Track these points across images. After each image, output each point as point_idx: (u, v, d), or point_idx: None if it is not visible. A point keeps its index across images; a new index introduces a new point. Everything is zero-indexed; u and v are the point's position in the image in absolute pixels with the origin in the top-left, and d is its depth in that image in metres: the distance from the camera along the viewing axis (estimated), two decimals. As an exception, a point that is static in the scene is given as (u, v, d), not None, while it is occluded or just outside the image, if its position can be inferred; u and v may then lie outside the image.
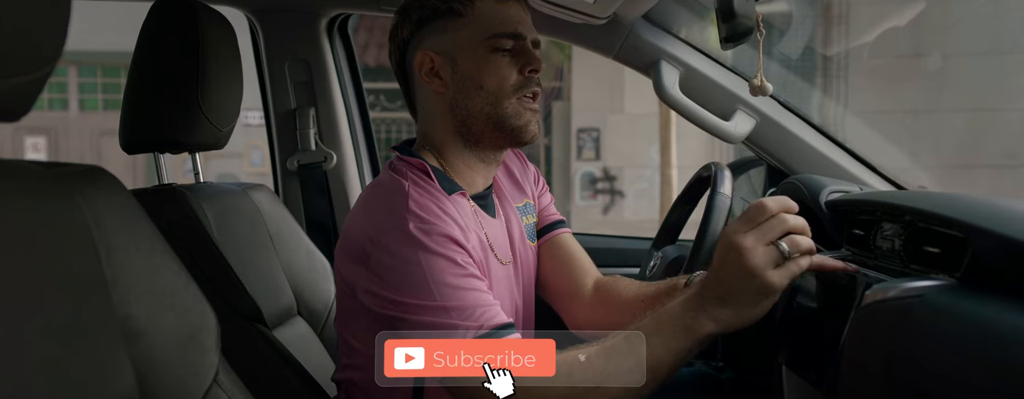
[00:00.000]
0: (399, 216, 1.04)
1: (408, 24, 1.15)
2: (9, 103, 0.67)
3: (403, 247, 1.02)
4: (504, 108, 1.12)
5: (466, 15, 1.12)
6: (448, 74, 1.13)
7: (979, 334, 0.74)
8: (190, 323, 0.83)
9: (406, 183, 1.08)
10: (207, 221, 1.30)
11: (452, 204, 1.09)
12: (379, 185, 1.14)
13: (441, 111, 1.15)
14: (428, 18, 1.13)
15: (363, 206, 1.13)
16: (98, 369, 0.72)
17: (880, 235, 1.14)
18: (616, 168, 9.01)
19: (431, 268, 1.01)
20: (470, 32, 1.12)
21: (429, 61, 1.13)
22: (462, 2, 1.12)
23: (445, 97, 1.14)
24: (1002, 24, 6.19)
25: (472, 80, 1.12)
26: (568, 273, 1.33)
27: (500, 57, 1.12)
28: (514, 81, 1.12)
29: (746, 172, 1.87)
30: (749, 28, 1.01)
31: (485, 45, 1.11)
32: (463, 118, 1.13)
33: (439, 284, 1.00)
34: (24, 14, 0.63)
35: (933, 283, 0.85)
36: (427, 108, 1.17)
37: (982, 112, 6.49)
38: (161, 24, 1.31)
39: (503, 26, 1.12)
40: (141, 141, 1.34)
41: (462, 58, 1.12)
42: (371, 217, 1.08)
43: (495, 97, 1.12)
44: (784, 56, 2.89)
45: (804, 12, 6.32)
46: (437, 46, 1.13)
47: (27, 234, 0.70)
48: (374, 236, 1.04)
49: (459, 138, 1.15)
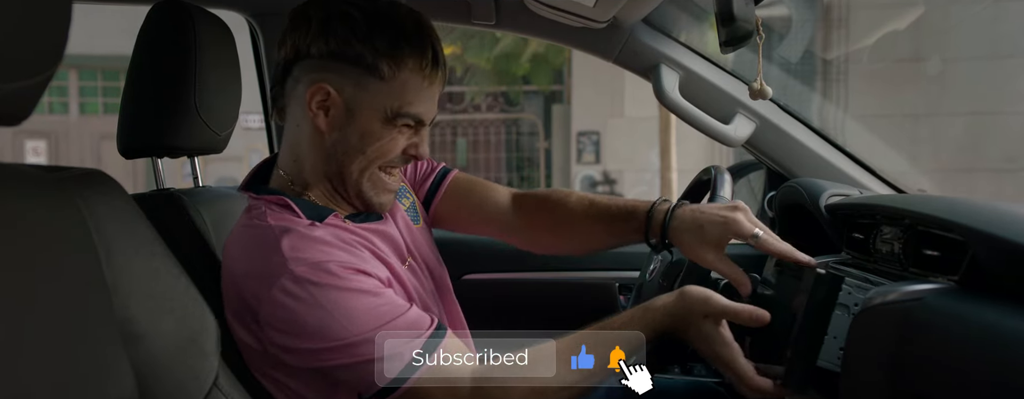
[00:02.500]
0: (279, 264, 0.97)
1: (320, 43, 1.04)
2: (10, 107, 0.67)
3: (297, 293, 0.95)
4: (368, 177, 1.09)
5: (387, 80, 1.04)
6: (339, 118, 1.06)
7: (979, 337, 0.74)
8: (190, 326, 0.83)
9: (268, 222, 1.03)
10: (206, 225, 1.30)
11: (326, 231, 1.04)
12: (244, 235, 1.06)
13: (316, 150, 1.09)
14: (345, 57, 1.03)
15: (236, 262, 1.05)
16: (98, 372, 0.72)
17: (880, 238, 1.14)
18: (616, 171, 9.01)
19: (334, 306, 0.95)
20: (382, 99, 1.04)
21: (324, 95, 1.05)
22: (390, 66, 1.03)
23: (325, 138, 1.07)
24: (1001, 28, 6.20)
25: (359, 141, 1.06)
26: (477, 203, 1.31)
27: (395, 132, 1.07)
28: (393, 156, 1.09)
29: (746, 176, 1.87)
30: (749, 32, 1.01)
31: (389, 119, 1.06)
32: (338, 169, 1.09)
33: (351, 318, 0.95)
34: (25, 18, 0.63)
35: (932, 286, 0.85)
36: (301, 138, 1.10)
37: (981, 116, 6.50)
38: (158, 28, 1.31)
39: (414, 106, 1.06)
40: (139, 146, 1.34)
41: (361, 117, 1.05)
42: (250, 269, 1.01)
43: (368, 163, 1.08)
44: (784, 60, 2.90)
45: (804, 16, 6.33)
46: (340, 87, 1.04)
47: (27, 238, 0.70)
48: (259, 292, 0.98)
49: (329, 182, 1.11)
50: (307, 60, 1.05)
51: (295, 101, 1.08)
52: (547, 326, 2.03)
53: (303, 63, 1.06)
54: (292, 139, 1.12)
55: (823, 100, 6.74)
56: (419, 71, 1.05)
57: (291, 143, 1.12)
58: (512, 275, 1.91)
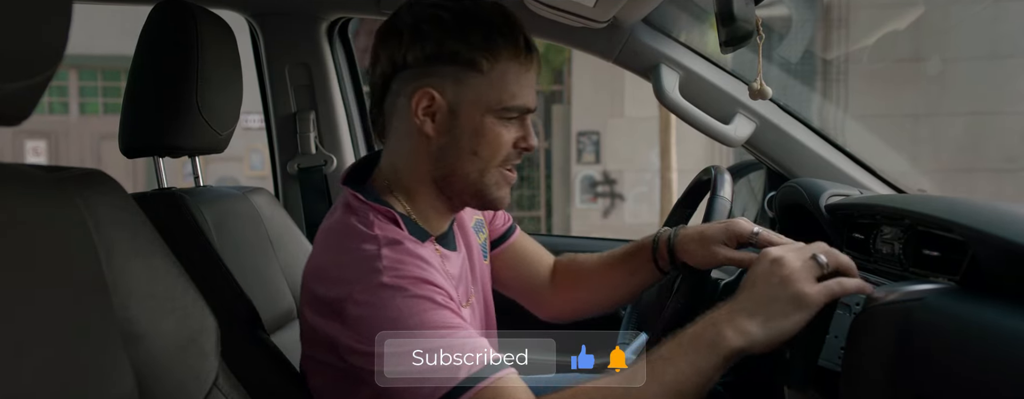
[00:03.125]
0: (372, 269, 0.98)
1: (416, 51, 1.04)
2: (10, 107, 0.67)
3: (379, 298, 0.96)
4: (489, 177, 1.08)
5: (486, 73, 1.04)
6: (444, 121, 1.05)
7: (979, 337, 0.74)
8: (190, 327, 0.83)
9: (376, 233, 1.02)
10: (207, 225, 1.30)
11: (427, 251, 1.05)
12: (343, 235, 1.06)
13: (422, 155, 1.08)
14: (442, 58, 1.04)
15: (329, 258, 1.06)
16: (98, 372, 0.72)
17: (880, 239, 1.14)
18: (616, 171, 9.01)
19: (413, 313, 0.95)
20: (483, 93, 1.04)
21: (429, 100, 1.04)
22: (487, 58, 1.03)
23: (433, 143, 1.06)
24: (1002, 28, 6.20)
25: (468, 141, 1.06)
26: (527, 272, 1.35)
27: (503, 127, 1.06)
28: (506, 154, 1.08)
29: (746, 176, 1.87)
30: (749, 32, 1.01)
31: (494, 112, 1.05)
32: (446, 174, 1.08)
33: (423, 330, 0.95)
34: (25, 19, 0.63)
35: (933, 286, 0.85)
36: (405, 145, 1.09)
37: (982, 116, 6.50)
38: (160, 28, 1.31)
39: (517, 98, 1.06)
40: (140, 145, 1.34)
41: (465, 116, 1.05)
42: (341, 272, 1.01)
43: (485, 165, 1.07)
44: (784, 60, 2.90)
45: (804, 16, 6.33)
46: (442, 90, 1.04)
47: (28, 238, 0.70)
48: (347, 291, 0.98)
49: (434, 187, 1.10)
50: (405, 71, 1.05)
51: (397, 115, 1.08)
52: (546, 326, 2.03)
53: (401, 75, 1.06)
54: (394, 149, 1.11)
55: (823, 100, 6.74)
56: (515, 59, 1.05)
57: (395, 155, 1.11)
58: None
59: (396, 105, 1.08)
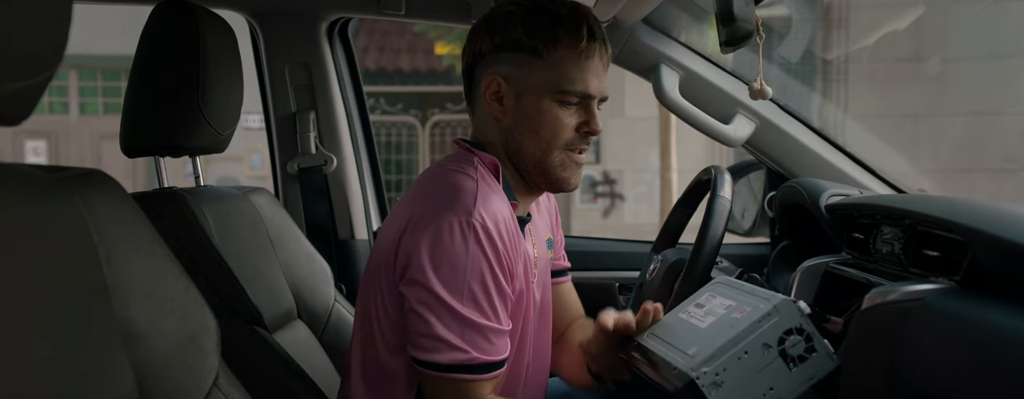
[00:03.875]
0: (465, 206, 1.06)
1: (488, 40, 1.16)
2: (10, 107, 0.67)
3: (458, 237, 1.04)
4: (552, 158, 1.15)
5: (545, 59, 1.13)
6: (510, 105, 1.15)
7: (978, 337, 0.74)
8: (190, 326, 0.83)
9: (477, 176, 1.11)
10: (207, 224, 1.30)
11: (512, 211, 1.12)
12: (446, 170, 1.15)
13: (496, 134, 1.18)
14: (508, 46, 1.14)
15: (427, 187, 1.15)
16: (98, 372, 0.72)
17: (880, 238, 1.14)
18: (616, 171, 9.01)
19: (474, 270, 1.04)
20: (543, 77, 1.13)
21: (496, 86, 1.15)
22: (546, 45, 1.12)
23: (502, 124, 1.16)
24: (1001, 28, 6.20)
25: (530, 122, 1.14)
26: (557, 321, 1.39)
27: (563, 110, 1.14)
28: (568, 137, 1.15)
29: (746, 176, 1.87)
30: (749, 32, 1.01)
31: (553, 96, 1.13)
32: (515, 151, 1.16)
33: (470, 291, 1.04)
34: (25, 18, 0.63)
35: (933, 286, 0.85)
36: (484, 126, 1.19)
37: (982, 116, 6.50)
38: (161, 28, 1.31)
39: (575, 83, 1.13)
40: (141, 145, 1.34)
41: (527, 98, 1.14)
42: (437, 199, 1.09)
43: (547, 145, 1.14)
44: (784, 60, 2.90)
45: (804, 16, 6.34)
46: (508, 75, 1.14)
47: (28, 237, 0.70)
48: (436, 216, 1.06)
49: (509, 162, 1.18)
50: (481, 60, 1.17)
51: (476, 101, 1.19)
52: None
53: (479, 64, 1.17)
54: (480, 130, 1.20)
55: (823, 100, 6.74)
56: (574, 47, 1.12)
57: (480, 133, 1.20)
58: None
59: (475, 93, 1.19)
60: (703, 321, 1.04)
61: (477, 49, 1.17)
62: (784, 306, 0.97)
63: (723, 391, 0.93)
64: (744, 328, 0.95)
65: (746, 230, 1.84)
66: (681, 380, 0.93)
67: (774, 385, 0.94)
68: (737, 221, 1.87)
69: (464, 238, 1.04)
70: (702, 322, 1.04)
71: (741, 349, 0.94)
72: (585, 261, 1.95)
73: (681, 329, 1.06)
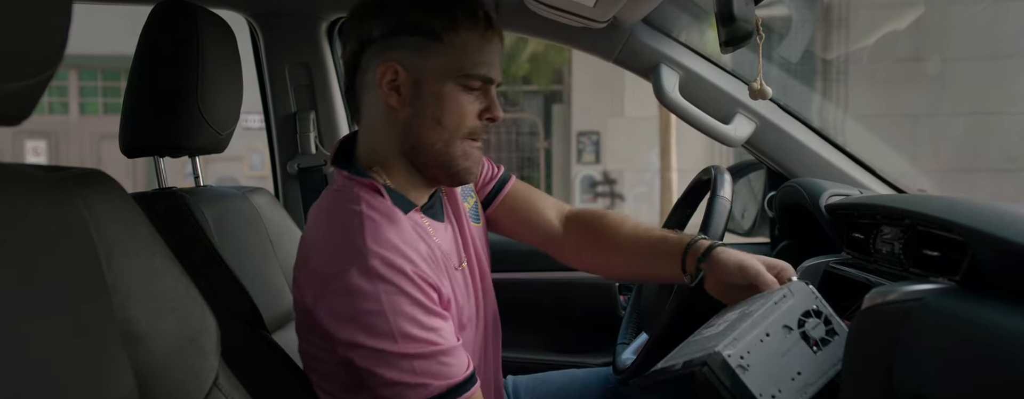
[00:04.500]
0: (358, 251, 1.00)
1: (381, 25, 1.08)
2: (10, 107, 0.67)
3: (364, 285, 0.99)
4: (454, 148, 1.10)
5: (445, 42, 1.07)
6: (408, 94, 1.08)
7: (978, 337, 0.74)
8: (190, 326, 0.83)
9: (361, 207, 1.05)
10: (207, 224, 1.30)
11: (408, 224, 1.07)
12: (331, 213, 1.09)
13: (391, 128, 1.10)
14: (405, 30, 1.07)
15: (319, 235, 1.09)
16: (98, 372, 0.72)
17: (880, 238, 1.14)
18: (616, 171, 9.02)
19: (393, 310, 0.99)
20: (444, 62, 1.07)
21: (393, 73, 1.07)
22: (445, 28, 1.06)
23: (399, 115, 1.09)
24: (1001, 28, 6.20)
25: (432, 111, 1.08)
26: (531, 218, 1.35)
27: (465, 95, 1.09)
28: (471, 125, 1.10)
29: (746, 176, 1.87)
30: (749, 32, 1.01)
31: (455, 80, 1.08)
32: (414, 144, 1.10)
33: (400, 329, 0.99)
34: (25, 18, 0.63)
35: (932, 286, 0.85)
36: (376, 119, 1.12)
37: (982, 116, 6.50)
38: (161, 28, 1.31)
39: (478, 66, 1.08)
40: (141, 145, 1.34)
41: (428, 85, 1.08)
42: (330, 249, 1.04)
43: (450, 136, 1.09)
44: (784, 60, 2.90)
45: (804, 16, 6.34)
46: (406, 62, 1.07)
47: (27, 237, 0.70)
48: (333, 270, 1.01)
49: (405, 159, 1.12)
50: (371, 46, 1.09)
51: (366, 90, 1.11)
52: (547, 326, 2.03)
53: (368, 51, 1.09)
54: (367, 125, 1.14)
55: (823, 100, 6.74)
56: (474, 29, 1.08)
57: (366, 130, 1.14)
58: (512, 275, 1.91)
59: (365, 81, 1.11)
60: (718, 329, 1.03)
61: (365, 35, 1.09)
62: (797, 287, 0.98)
63: (751, 375, 0.91)
64: (761, 313, 0.95)
65: (746, 230, 1.84)
66: (710, 360, 0.91)
67: (801, 369, 0.93)
68: (737, 221, 1.87)
69: (371, 283, 0.99)
70: (717, 330, 1.03)
71: (762, 331, 0.93)
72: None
73: (696, 345, 1.04)
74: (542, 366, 1.65)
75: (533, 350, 1.89)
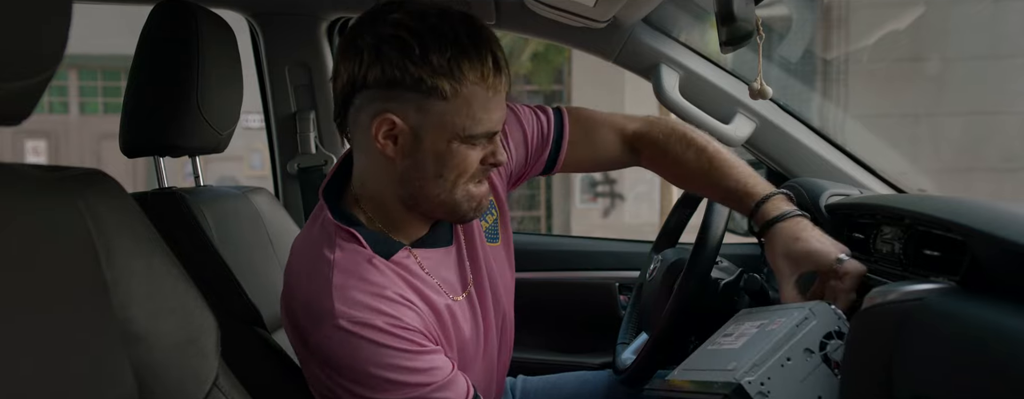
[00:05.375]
0: (326, 311, 0.98)
1: (377, 71, 0.98)
2: (10, 107, 0.67)
3: (338, 344, 0.98)
4: (457, 195, 1.04)
5: (450, 100, 0.97)
6: (407, 145, 1.00)
7: (979, 337, 0.73)
8: (190, 327, 0.83)
9: (334, 256, 1.02)
10: (207, 224, 1.30)
11: (391, 270, 1.04)
12: (308, 256, 1.06)
13: (387, 176, 1.04)
14: (405, 85, 0.97)
15: (294, 278, 1.07)
16: (98, 372, 0.72)
17: (880, 238, 1.14)
18: (616, 171, 9.01)
19: (373, 362, 0.97)
20: (448, 120, 0.99)
21: (390, 125, 0.99)
22: (450, 84, 0.97)
23: (395, 165, 1.02)
24: (1001, 28, 6.20)
25: (434, 166, 1.01)
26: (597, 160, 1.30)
27: (469, 149, 1.02)
28: (473, 171, 1.04)
29: (746, 175, 1.87)
30: (749, 32, 1.01)
31: (460, 139, 1.00)
32: (412, 193, 1.04)
33: (384, 378, 0.98)
34: (25, 18, 0.63)
35: (933, 286, 0.85)
36: (371, 165, 1.05)
37: (981, 116, 6.50)
38: (161, 27, 1.31)
39: (482, 124, 1.00)
40: (141, 145, 1.34)
41: (429, 141, 1.00)
42: (305, 298, 1.03)
43: (453, 185, 1.03)
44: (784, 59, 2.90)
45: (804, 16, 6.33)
46: (404, 115, 0.98)
47: (27, 237, 0.70)
48: (308, 327, 1.01)
49: (402, 204, 1.06)
50: (365, 90, 1.00)
51: (360, 131, 1.03)
52: (547, 326, 2.03)
53: (362, 93, 1.00)
54: (362, 165, 1.08)
55: (823, 100, 6.73)
56: (481, 82, 0.99)
57: (361, 169, 1.08)
58: (512, 275, 1.91)
59: (358, 121, 1.03)
60: (736, 343, 1.00)
61: (358, 77, 0.99)
62: (819, 308, 0.95)
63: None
64: (783, 335, 0.92)
65: (746, 230, 1.84)
66: (727, 388, 0.89)
67: (822, 394, 0.91)
68: (737, 221, 1.87)
69: (345, 341, 0.97)
70: (735, 345, 1.00)
71: (783, 356, 0.91)
72: (585, 261, 1.95)
73: (713, 357, 1.01)
74: (542, 366, 1.65)
75: (533, 350, 1.89)
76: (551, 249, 1.97)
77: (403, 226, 1.09)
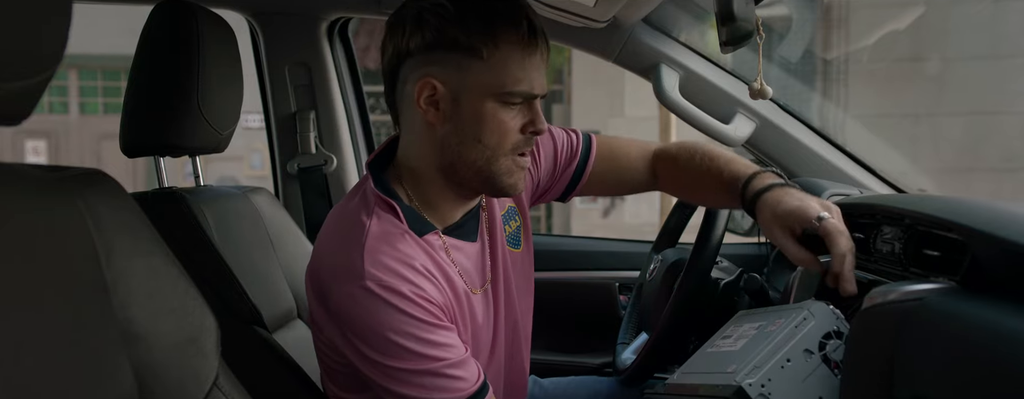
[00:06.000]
0: (354, 272, 1.00)
1: (417, 37, 1.03)
2: (10, 107, 0.67)
3: (361, 305, 0.99)
4: (498, 165, 1.06)
5: (486, 59, 1.01)
6: (447, 109, 1.04)
7: (979, 337, 0.73)
8: (190, 326, 0.83)
9: (371, 221, 1.04)
10: (207, 224, 1.30)
11: (421, 246, 1.06)
12: (343, 214, 1.09)
13: (429, 143, 1.07)
14: (443, 46, 1.02)
15: (327, 240, 1.09)
16: (98, 372, 0.72)
17: (880, 238, 1.14)
18: (616, 172, 9.00)
19: (392, 328, 0.99)
20: (485, 79, 1.02)
21: (431, 89, 1.03)
22: (486, 44, 1.01)
23: (437, 130, 1.06)
24: (1001, 28, 6.20)
25: (472, 129, 1.04)
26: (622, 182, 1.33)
27: (507, 111, 1.04)
28: (514, 140, 1.06)
29: (746, 175, 1.87)
30: (749, 32, 1.01)
31: (496, 97, 1.03)
32: (452, 161, 1.07)
33: (401, 346, 0.99)
34: (25, 18, 0.63)
35: (933, 286, 0.85)
36: (414, 133, 1.09)
37: (981, 116, 6.50)
38: (161, 27, 1.31)
39: (520, 83, 1.03)
40: (141, 144, 1.34)
41: (468, 102, 1.03)
42: (332, 259, 1.05)
43: (492, 153, 1.05)
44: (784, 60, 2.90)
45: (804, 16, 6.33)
46: (444, 78, 1.03)
47: (28, 237, 0.70)
48: (332, 285, 1.02)
49: (441, 175, 1.09)
50: (409, 59, 1.05)
51: (405, 103, 1.07)
52: (547, 326, 2.04)
53: (406, 64, 1.05)
54: (405, 138, 1.11)
55: (823, 100, 6.73)
56: (517, 43, 1.03)
57: (405, 143, 1.11)
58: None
59: (403, 94, 1.07)
60: (735, 345, 1.01)
61: (403, 47, 1.05)
62: (817, 309, 0.96)
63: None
64: (782, 336, 0.93)
65: (746, 230, 1.83)
66: (728, 391, 0.89)
67: (823, 394, 0.91)
68: (737, 221, 1.87)
69: (368, 303, 0.99)
70: (734, 346, 1.00)
71: (783, 357, 0.91)
72: (585, 261, 1.95)
73: (713, 359, 1.02)
74: (542, 366, 1.65)
75: (533, 350, 1.89)
76: (551, 249, 1.97)
77: (439, 206, 1.11)
